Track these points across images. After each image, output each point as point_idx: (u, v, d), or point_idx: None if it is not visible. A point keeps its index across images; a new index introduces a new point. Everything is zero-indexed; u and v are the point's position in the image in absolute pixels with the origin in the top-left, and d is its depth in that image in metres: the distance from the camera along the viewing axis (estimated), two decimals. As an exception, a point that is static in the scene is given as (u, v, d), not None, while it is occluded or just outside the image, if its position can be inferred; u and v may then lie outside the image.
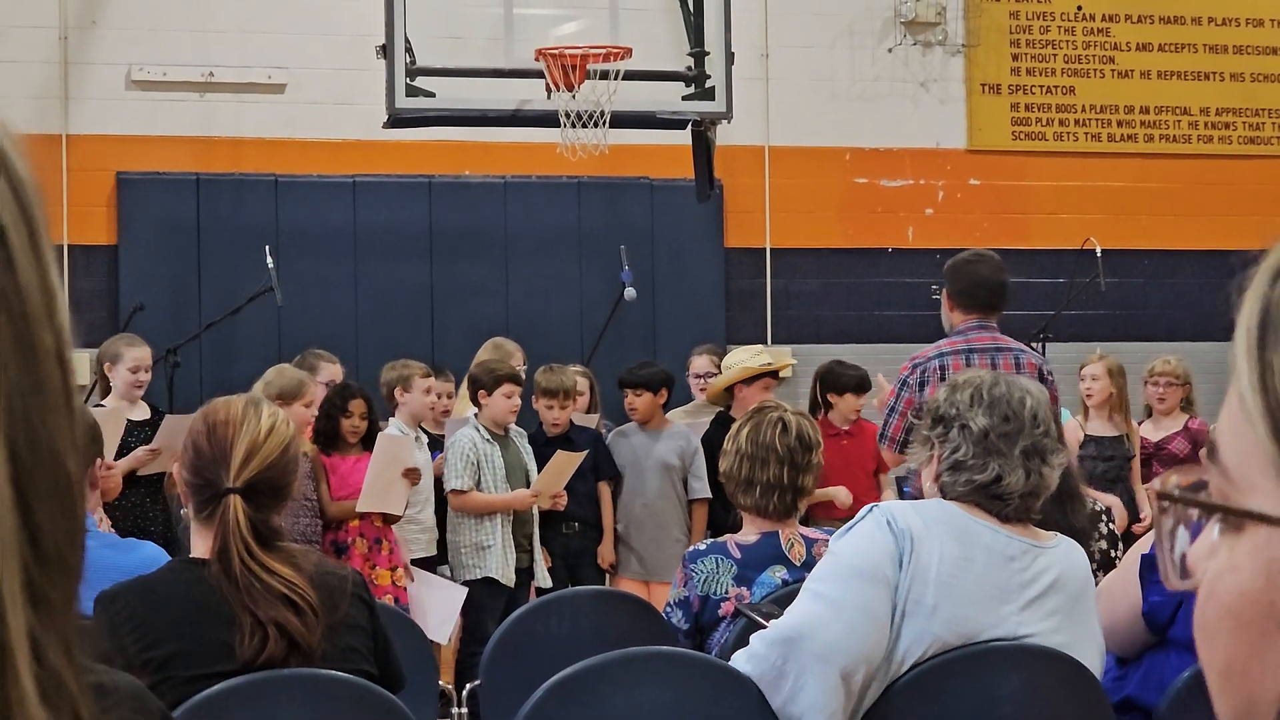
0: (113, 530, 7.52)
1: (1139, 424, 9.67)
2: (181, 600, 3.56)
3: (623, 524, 9.12)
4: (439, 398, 9.19)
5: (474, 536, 8.53)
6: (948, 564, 3.75)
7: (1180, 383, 9.66)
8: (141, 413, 8.41)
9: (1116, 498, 8.77)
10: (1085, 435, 9.29)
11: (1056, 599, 3.88)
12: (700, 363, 10.04)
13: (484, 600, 8.48)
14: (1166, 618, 3.41)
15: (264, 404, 3.78)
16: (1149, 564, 3.43)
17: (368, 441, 8.23)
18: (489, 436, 8.53)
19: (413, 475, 8.19)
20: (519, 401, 8.63)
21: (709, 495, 9.00)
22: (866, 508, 3.86)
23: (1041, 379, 6.66)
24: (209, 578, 3.56)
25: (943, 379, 6.65)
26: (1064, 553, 3.94)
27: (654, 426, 9.21)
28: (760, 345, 9.86)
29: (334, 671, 3.59)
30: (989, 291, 6.87)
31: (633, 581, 8.91)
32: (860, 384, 9.32)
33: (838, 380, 9.31)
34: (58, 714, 0.81)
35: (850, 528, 3.82)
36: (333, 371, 8.97)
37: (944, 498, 3.92)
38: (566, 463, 8.53)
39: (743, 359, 9.07)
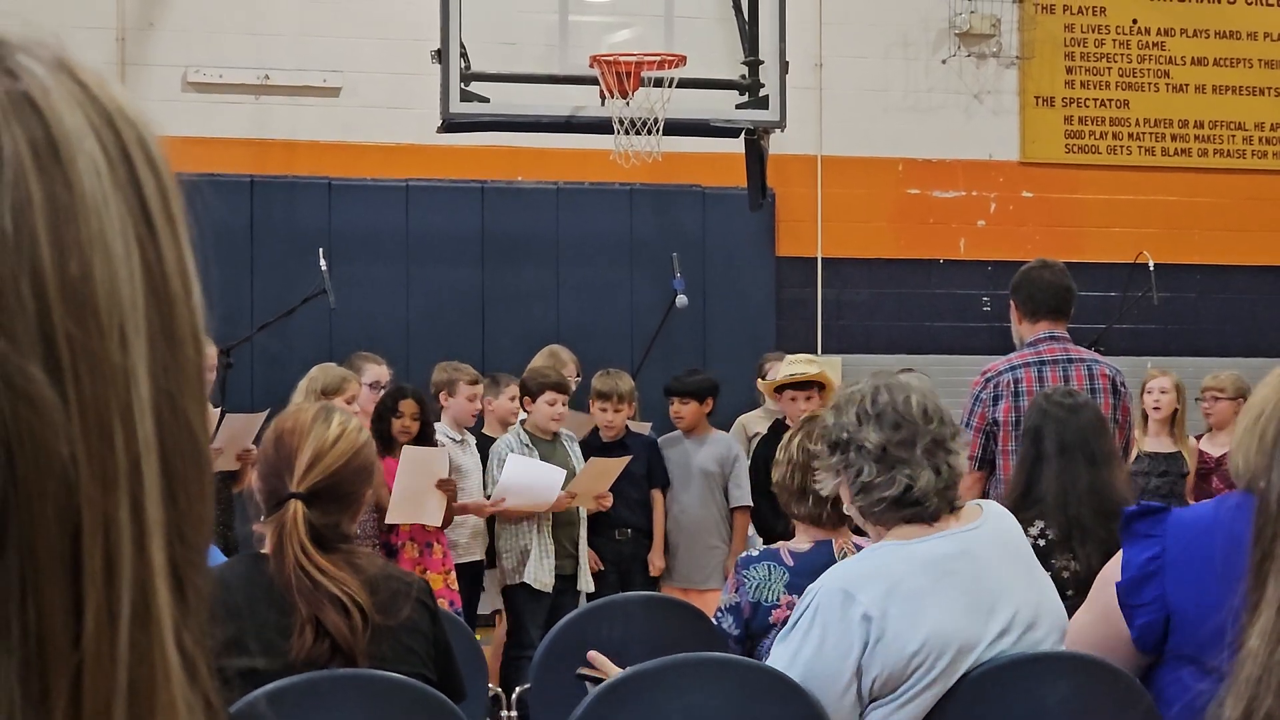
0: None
1: (1197, 439, 9.59)
2: (240, 590, 3.59)
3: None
4: (511, 400, 9.15)
5: (516, 541, 8.55)
6: (916, 598, 3.71)
7: (1236, 398, 9.58)
8: None
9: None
10: (1139, 451, 9.16)
11: (1012, 566, 3.86)
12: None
13: (525, 605, 8.49)
14: (1159, 634, 3.37)
15: (336, 413, 3.79)
16: (1126, 590, 3.39)
17: (420, 443, 8.19)
18: (529, 442, 8.54)
19: (446, 486, 8.10)
20: (563, 409, 8.63)
21: (750, 503, 9.00)
22: (811, 591, 3.80)
23: (1115, 390, 6.59)
24: (270, 572, 3.60)
25: (1015, 393, 6.51)
26: (993, 522, 3.91)
27: (697, 434, 9.22)
28: (806, 355, 9.80)
29: (386, 672, 3.61)
30: (1053, 295, 6.73)
31: (673, 589, 8.90)
32: None
33: None
34: (193, 695, 0.82)
35: (799, 617, 3.78)
36: (378, 373, 8.94)
37: (864, 519, 3.90)
38: (604, 468, 8.52)
39: (783, 369, 9.08)
